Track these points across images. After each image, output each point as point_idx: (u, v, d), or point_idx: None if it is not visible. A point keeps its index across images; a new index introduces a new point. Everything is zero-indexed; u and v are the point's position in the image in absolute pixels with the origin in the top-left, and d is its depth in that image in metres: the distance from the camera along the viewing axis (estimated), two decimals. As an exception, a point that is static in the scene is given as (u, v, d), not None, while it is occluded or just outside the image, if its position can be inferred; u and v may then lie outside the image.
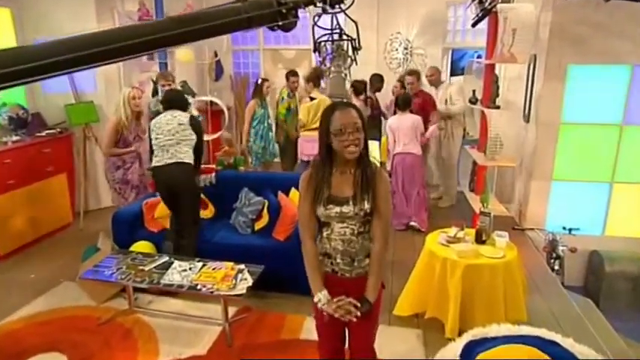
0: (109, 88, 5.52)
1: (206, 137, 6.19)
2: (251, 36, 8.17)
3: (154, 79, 6.08)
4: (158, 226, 3.95)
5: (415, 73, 5.58)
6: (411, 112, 5.07)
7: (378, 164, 2.07)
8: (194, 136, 3.68)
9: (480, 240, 3.26)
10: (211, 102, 7.15)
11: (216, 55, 7.34)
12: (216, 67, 7.87)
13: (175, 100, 3.81)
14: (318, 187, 1.98)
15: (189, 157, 3.64)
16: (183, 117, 3.68)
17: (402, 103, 5.01)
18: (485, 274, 2.97)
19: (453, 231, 3.33)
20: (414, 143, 4.95)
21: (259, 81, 5.78)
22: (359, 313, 1.94)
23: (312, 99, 5.46)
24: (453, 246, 3.16)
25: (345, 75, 4.45)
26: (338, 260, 2.03)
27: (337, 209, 1.96)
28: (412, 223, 5.03)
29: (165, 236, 3.81)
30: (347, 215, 1.96)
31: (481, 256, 3.05)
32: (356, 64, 4.58)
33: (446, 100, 5.51)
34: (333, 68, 4.39)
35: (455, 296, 2.96)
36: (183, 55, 6.16)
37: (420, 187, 5.05)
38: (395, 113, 5.16)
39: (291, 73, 5.90)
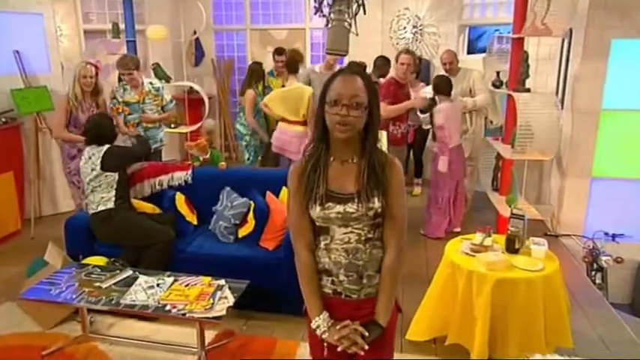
0: (69, 71, 5.33)
1: (184, 129, 6.06)
2: (236, 14, 8.04)
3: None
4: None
5: (413, 54, 5.19)
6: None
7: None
8: (112, 175, 3.64)
9: (511, 249, 3.05)
10: (190, 89, 6.97)
11: (194, 33, 7.12)
12: (196, 49, 7.76)
13: (93, 134, 3.68)
14: (311, 181, 1.76)
15: (103, 204, 3.64)
16: (95, 158, 3.60)
17: (448, 87, 4.84)
18: (521, 291, 2.76)
19: (478, 238, 3.12)
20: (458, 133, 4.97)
21: (263, 65, 5.68)
22: (366, 346, 1.71)
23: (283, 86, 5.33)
24: (479, 256, 2.95)
25: (350, 25, 4.01)
26: (342, 278, 1.79)
27: (339, 208, 1.73)
28: (457, 229, 4.93)
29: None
30: (352, 216, 1.73)
31: (515, 269, 2.85)
32: (364, 12, 4.12)
33: (470, 90, 5.30)
34: (333, 16, 3.97)
35: (483, 318, 2.77)
36: (154, 32, 5.94)
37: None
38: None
39: (277, 52, 5.84)
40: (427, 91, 5.31)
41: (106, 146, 3.64)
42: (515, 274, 2.80)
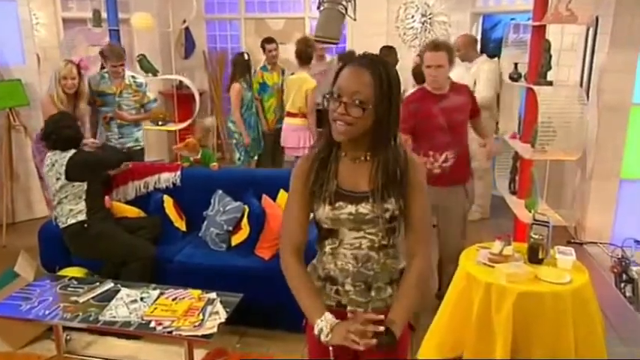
0: (46, 62, 5.29)
1: (172, 127, 6.00)
2: (229, 2, 8.06)
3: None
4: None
5: (445, 49, 3.56)
6: None
7: None
8: (80, 184, 3.53)
9: (535, 259, 2.96)
10: (179, 83, 6.91)
11: (184, 23, 7.07)
12: (186, 40, 7.76)
13: (54, 139, 3.54)
14: (320, 178, 1.71)
15: (73, 216, 3.54)
16: (59, 165, 3.49)
17: (420, 77, 4.82)
18: (547, 306, 2.67)
19: (496, 246, 3.01)
20: None
21: (246, 56, 5.68)
22: (374, 341, 1.54)
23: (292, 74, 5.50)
24: (498, 267, 2.85)
25: (346, 9, 3.87)
26: (347, 287, 1.75)
27: (350, 209, 1.69)
28: None
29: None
30: (364, 218, 1.69)
31: (539, 281, 2.76)
32: None
33: (475, 82, 5.30)
34: None
35: (503, 336, 2.68)
36: (140, 20, 5.88)
37: None
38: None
39: (267, 41, 5.88)
40: None
41: (72, 152, 3.51)
42: (540, 288, 2.71)
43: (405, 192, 1.69)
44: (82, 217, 3.53)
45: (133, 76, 4.81)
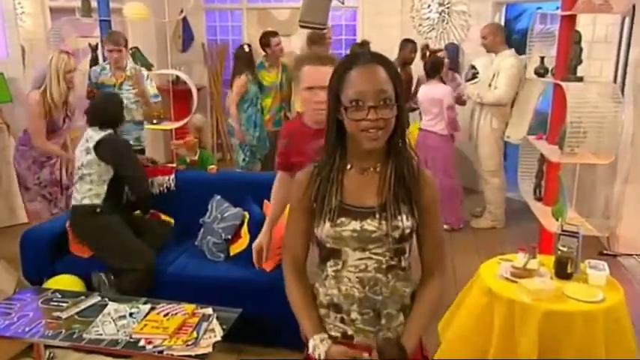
0: (31, 54, 5.31)
1: (168, 126, 6.01)
2: (231, -9, 8.06)
3: (93, 45, 5.87)
4: (88, 252, 3.72)
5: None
6: (442, 80, 5.49)
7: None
8: (107, 167, 3.63)
9: (563, 273, 2.93)
10: (176, 79, 6.92)
11: (181, 13, 7.09)
12: (184, 31, 7.79)
13: (97, 113, 3.69)
14: (322, 192, 1.67)
15: (90, 197, 3.64)
16: (92, 141, 3.58)
17: (430, 70, 5.48)
18: (577, 327, 2.63)
19: (520, 259, 3.00)
20: (438, 120, 5.39)
21: (247, 47, 5.77)
22: None
23: None
24: (522, 282, 2.82)
25: None
26: (354, 316, 1.70)
27: (354, 225, 1.64)
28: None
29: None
30: (371, 237, 1.64)
31: (567, 299, 2.73)
32: None
33: (493, 75, 5.36)
34: None
35: (528, 358, 2.64)
36: (133, 10, 5.90)
37: (444, 176, 5.32)
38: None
39: (271, 34, 5.93)
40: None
41: (109, 131, 3.65)
42: (569, 306, 2.68)
43: (419, 207, 1.66)
44: (98, 201, 3.62)
45: (135, 68, 4.85)
